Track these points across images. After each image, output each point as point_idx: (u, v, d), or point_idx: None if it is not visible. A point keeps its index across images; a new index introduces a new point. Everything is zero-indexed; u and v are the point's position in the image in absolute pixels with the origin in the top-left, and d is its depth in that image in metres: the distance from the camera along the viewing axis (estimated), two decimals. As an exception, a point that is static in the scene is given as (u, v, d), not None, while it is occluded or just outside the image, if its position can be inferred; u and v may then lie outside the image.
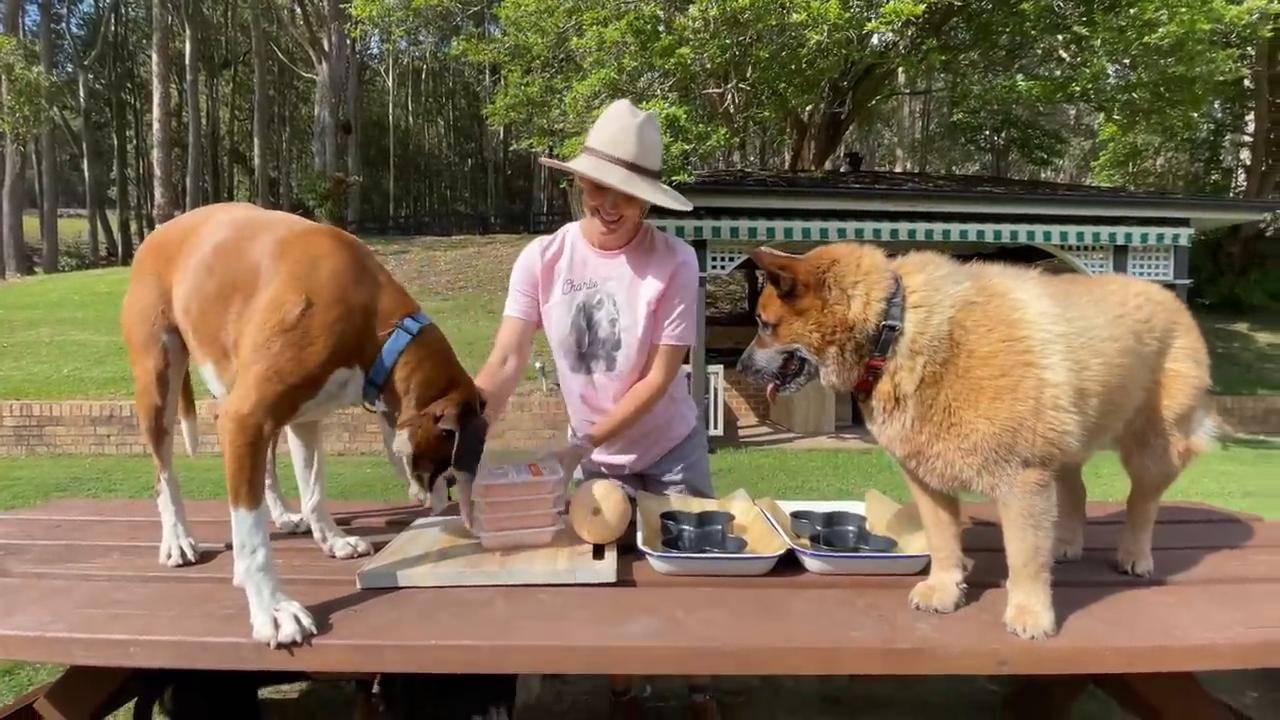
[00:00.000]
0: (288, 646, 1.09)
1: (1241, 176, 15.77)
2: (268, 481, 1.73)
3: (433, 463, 1.30)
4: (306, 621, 1.12)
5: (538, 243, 1.78)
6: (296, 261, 1.27)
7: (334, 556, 1.51)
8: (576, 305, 1.72)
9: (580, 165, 1.59)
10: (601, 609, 1.22)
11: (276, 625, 1.10)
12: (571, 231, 1.78)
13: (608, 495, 1.48)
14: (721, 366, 8.37)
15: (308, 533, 1.66)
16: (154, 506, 1.55)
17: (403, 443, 1.29)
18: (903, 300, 1.14)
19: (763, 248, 1.22)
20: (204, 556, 1.51)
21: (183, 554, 1.48)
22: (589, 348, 1.74)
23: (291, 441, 1.60)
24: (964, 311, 1.13)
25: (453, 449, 1.27)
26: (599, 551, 1.46)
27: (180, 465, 1.61)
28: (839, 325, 1.13)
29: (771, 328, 1.20)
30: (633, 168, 1.56)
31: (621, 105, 1.63)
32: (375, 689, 1.63)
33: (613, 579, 1.33)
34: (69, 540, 1.67)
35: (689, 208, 1.72)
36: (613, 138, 1.57)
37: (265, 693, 2.19)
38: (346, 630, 1.15)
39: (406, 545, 1.49)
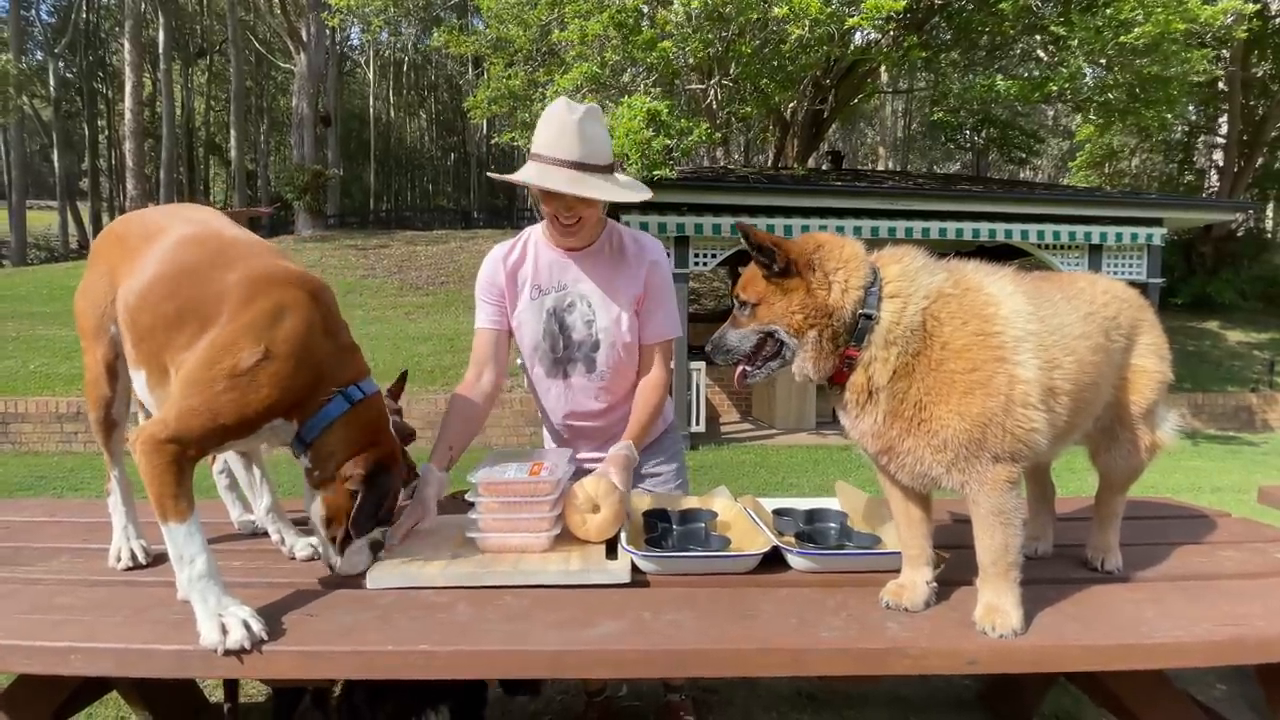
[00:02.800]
0: (236, 653, 1.05)
1: (1215, 177, 16.07)
2: (225, 481, 1.69)
3: (342, 526, 1.29)
4: (257, 627, 1.07)
5: (499, 250, 1.73)
6: (263, 310, 1.23)
7: (294, 558, 1.47)
8: (547, 309, 1.68)
9: (526, 174, 1.53)
10: (567, 611, 1.19)
11: (224, 631, 1.06)
12: (534, 234, 1.73)
13: (608, 494, 1.44)
14: (704, 363, 8.36)
15: (266, 534, 1.62)
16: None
17: (317, 505, 1.29)
18: (879, 290, 1.13)
19: (750, 224, 1.20)
20: (156, 559, 1.45)
21: (133, 556, 1.42)
22: (564, 351, 1.70)
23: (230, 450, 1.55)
24: (938, 303, 1.13)
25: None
26: (611, 551, 1.43)
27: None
28: (820, 309, 1.12)
29: (751, 307, 1.18)
30: (579, 166, 1.51)
31: (559, 104, 1.56)
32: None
33: (627, 579, 1.31)
34: (17, 542, 1.61)
35: (648, 195, 1.67)
36: (554, 139, 1.51)
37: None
38: (300, 635, 1.11)
39: (416, 546, 1.45)
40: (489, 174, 1.62)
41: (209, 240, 1.34)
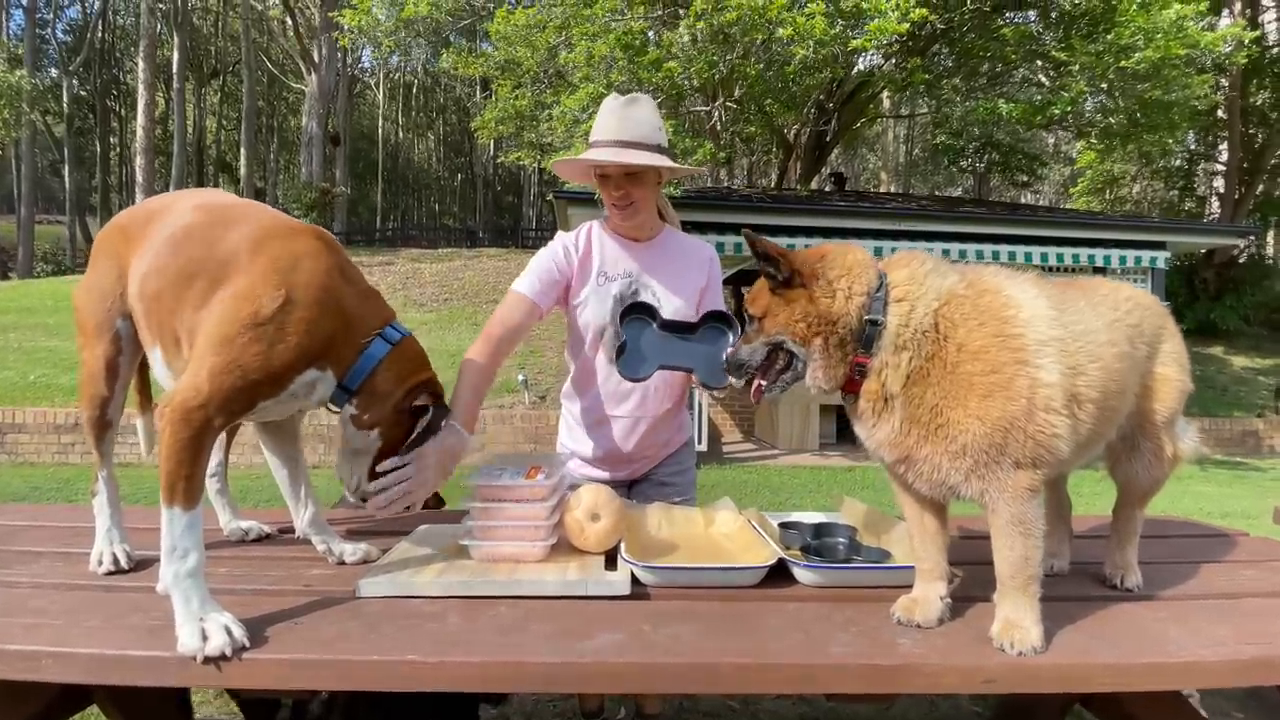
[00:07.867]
0: (215, 661, 0.99)
1: (1215, 204, 16.11)
2: (216, 486, 1.64)
3: (395, 454, 1.31)
4: (238, 633, 1.02)
5: (567, 238, 1.75)
6: (278, 256, 1.21)
7: (343, 563, 1.43)
8: (614, 295, 1.70)
9: (579, 156, 1.68)
10: (563, 622, 1.14)
11: (204, 637, 1.00)
12: (594, 228, 1.78)
13: (608, 503, 1.40)
14: (706, 382, 8.31)
15: (256, 541, 1.57)
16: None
17: (372, 440, 1.29)
18: (885, 295, 1.11)
19: (757, 234, 1.19)
20: (138, 564, 1.40)
21: (115, 560, 1.37)
22: None
23: (271, 460, 1.51)
24: (951, 305, 1.10)
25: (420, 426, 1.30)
26: (610, 562, 1.38)
27: (136, 475, 1.51)
28: (823, 316, 1.11)
29: (758, 321, 1.19)
30: (622, 144, 1.63)
31: (610, 98, 1.71)
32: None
33: (626, 591, 1.25)
34: (-4, 546, 1.56)
35: (692, 170, 2.00)
36: (602, 125, 1.67)
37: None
38: (283, 644, 1.05)
39: (409, 553, 1.41)
40: (554, 194, 1.79)
41: (211, 207, 1.33)
